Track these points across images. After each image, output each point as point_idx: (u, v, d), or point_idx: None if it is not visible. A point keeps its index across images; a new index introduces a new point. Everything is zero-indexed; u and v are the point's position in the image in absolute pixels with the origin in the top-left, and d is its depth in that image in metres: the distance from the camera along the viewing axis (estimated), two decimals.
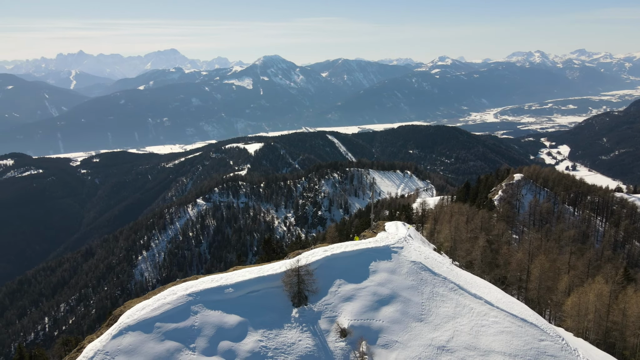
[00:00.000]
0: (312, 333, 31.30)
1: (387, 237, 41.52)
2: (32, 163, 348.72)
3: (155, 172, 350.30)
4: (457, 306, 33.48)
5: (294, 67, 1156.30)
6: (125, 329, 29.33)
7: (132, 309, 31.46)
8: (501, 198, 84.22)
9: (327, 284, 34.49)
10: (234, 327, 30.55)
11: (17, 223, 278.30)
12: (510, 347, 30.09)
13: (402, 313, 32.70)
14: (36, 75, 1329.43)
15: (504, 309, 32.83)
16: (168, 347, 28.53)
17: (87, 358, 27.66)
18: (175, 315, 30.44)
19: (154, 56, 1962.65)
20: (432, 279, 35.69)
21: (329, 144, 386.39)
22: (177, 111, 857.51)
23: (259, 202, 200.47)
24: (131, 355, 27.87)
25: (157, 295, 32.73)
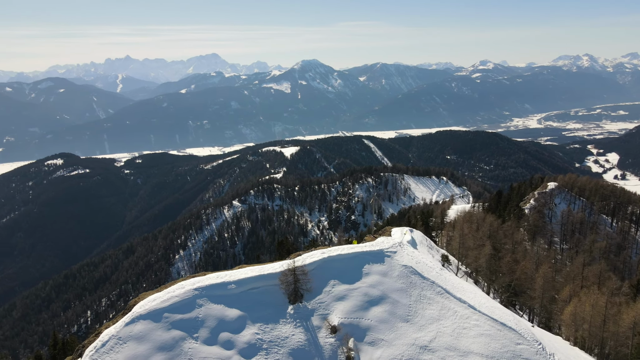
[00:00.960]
0: (305, 329, 33.51)
1: (383, 242, 43.25)
2: (79, 163, 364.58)
3: (194, 174, 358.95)
4: (442, 309, 35.26)
5: (332, 72, 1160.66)
6: (137, 318, 32.31)
7: (145, 300, 34.57)
8: (532, 207, 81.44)
9: (322, 284, 36.68)
10: (233, 320, 33.10)
11: (65, 220, 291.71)
12: (488, 349, 31.74)
13: (390, 313, 34.65)
14: (86, 79, 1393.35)
15: (485, 313, 34.50)
16: (174, 336, 31.39)
17: (102, 342, 30.84)
18: (182, 307, 33.28)
19: (196, 60, 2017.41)
20: (421, 282, 37.50)
21: (365, 148, 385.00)
22: (217, 114, 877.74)
23: (293, 205, 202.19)
24: (140, 342, 30.85)
25: (168, 288, 35.60)
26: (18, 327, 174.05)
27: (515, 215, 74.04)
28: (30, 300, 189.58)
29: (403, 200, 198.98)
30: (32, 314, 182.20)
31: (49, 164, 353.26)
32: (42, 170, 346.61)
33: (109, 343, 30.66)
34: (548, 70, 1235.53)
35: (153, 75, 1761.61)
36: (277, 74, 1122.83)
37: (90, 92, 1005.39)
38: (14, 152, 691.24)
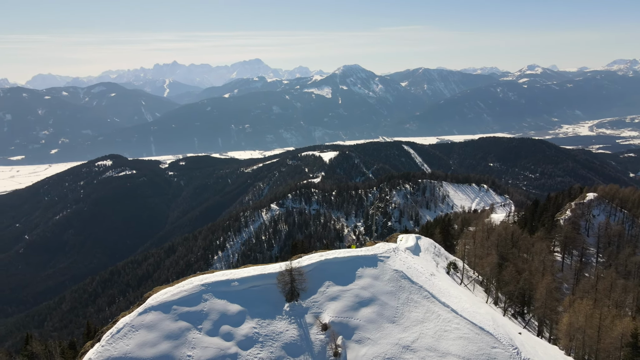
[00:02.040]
0: (298, 325, 35.89)
1: (379, 247, 45.22)
2: (127, 164, 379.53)
3: (234, 177, 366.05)
4: (427, 312, 37.01)
5: (373, 77, 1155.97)
6: (149, 309, 35.83)
7: (158, 293, 38.03)
8: (568, 218, 77.78)
9: (317, 285, 38.99)
10: (234, 315, 35.95)
11: (112, 218, 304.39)
12: (465, 351, 33.41)
13: (378, 314, 36.73)
14: (135, 84, 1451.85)
15: (466, 317, 36.08)
16: (180, 326, 34.63)
17: (118, 329, 34.55)
18: (189, 300, 36.51)
19: (240, 66, 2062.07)
20: (410, 286, 39.26)
21: (404, 154, 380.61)
22: (259, 118, 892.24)
23: (329, 210, 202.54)
24: (150, 330, 34.31)
25: (179, 283, 38.86)
26: (66, 319, 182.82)
27: (547, 226, 71.17)
28: (78, 294, 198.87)
29: (441, 208, 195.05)
30: (79, 307, 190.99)
31: (99, 164, 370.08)
32: (92, 171, 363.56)
33: (123, 330, 34.25)
34: (601, 75, 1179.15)
35: (198, 80, 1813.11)
36: (319, 79, 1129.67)
37: (139, 97, 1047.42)
38: (68, 153, 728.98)
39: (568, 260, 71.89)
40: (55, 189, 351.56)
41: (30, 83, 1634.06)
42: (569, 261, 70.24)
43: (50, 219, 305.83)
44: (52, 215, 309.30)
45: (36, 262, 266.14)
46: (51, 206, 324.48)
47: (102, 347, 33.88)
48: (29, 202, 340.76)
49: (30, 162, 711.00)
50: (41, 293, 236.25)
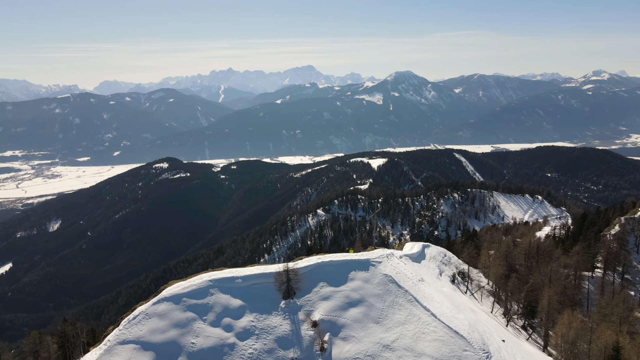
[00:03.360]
0: (291, 321, 38.84)
1: (374, 253, 47.44)
2: (182, 167, 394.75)
3: (284, 181, 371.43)
4: (409, 315, 39.29)
5: (426, 83, 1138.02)
6: (162, 299, 39.87)
7: (172, 286, 42.15)
8: (615, 233, 72.57)
9: (312, 285, 41.76)
10: (236, 309, 39.26)
11: (167, 219, 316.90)
12: (438, 352, 35.68)
13: (364, 315, 39.27)
14: (192, 90, 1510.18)
15: (443, 321, 38.37)
16: (187, 316, 38.43)
17: (134, 315, 39.08)
18: (197, 294, 40.31)
19: (292, 72, 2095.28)
20: (397, 290, 41.56)
21: (455, 162, 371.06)
22: (309, 124, 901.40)
23: (375, 217, 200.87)
24: (162, 318, 38.30)
25: (191, 278, 42.94)
26: (121, 313, 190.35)
27: (590, 241, 67.24)
28: (133, 289, 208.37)
29: (491, 219, 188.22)
30: (133, 302, 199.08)
31: (156, 167, 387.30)
32: (150, 173, 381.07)
33: (138, 317, 38.61)
34: None
35: (252, 86, 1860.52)
36: (370, 85, 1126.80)
37: (195, 102, 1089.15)
38: (129, 155, 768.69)
39: (611, 277, 68.22)
40: (116, 189, 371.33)
41: (97, 89, 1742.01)
42: (611, 278, 66.71)
43: (111, 217, 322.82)
44: (112, 214, 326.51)
45: (97, 258, 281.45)
46: (112, 205, 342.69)
47: (119, 331, 38.38)
48: (92, 201, 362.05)
49: (95, 163, 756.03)
50: (100, 287, 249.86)
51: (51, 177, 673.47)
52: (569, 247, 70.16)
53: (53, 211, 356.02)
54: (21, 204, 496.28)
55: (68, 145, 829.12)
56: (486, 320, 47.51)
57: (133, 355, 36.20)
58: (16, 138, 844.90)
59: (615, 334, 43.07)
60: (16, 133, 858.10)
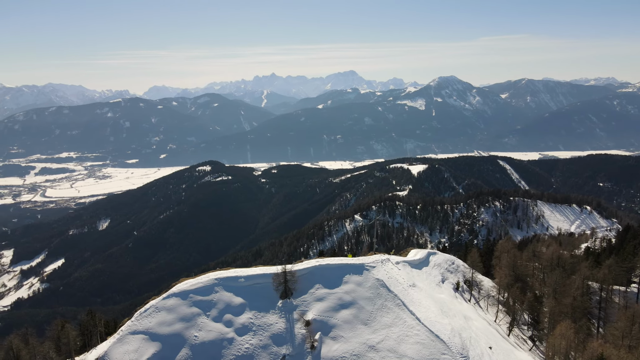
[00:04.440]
0: (286, 320, 41.15)
1: (369, 257, 49.48)
2: (224, 170, 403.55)
3: (323, 186, 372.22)
4: (395, 318, 41.07)
5: (470, 88, 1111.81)
6: (171, 295, 43.40)
7: (181, 283, 45.57)
8: None
9: (309, 286, 44.02)
10: (237, 306, 41.97)
11: (208, 220, 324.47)
12: (418, 355, 37.49)
13: (354, 316, 41.20)
14: (236, 94, 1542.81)
15: (426, 325, 40.10)
16: (193, 311, 41.45)
17: (145, 309, 42.60)
18: (203, 291, 43.49)
19: (334, 77, 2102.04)
20: (387, 294, 43.33)
21: (499, 170, 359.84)
22: (350, 129, 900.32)
23: (413, 224, 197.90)
24: (169, 312, 41.42)
25: (199, 277, 46.51)
26: None
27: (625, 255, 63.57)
28: None
29: (534, 229, 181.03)
30: None
31: (199, 169, 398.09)
32: (193, 175, 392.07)
33: (149, 310, 42.05)
34: None
35: (294, 91, 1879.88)
36: (412, 91, 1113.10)
37: (238, 107, 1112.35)
38: (174, 158, 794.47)
39: None
40: (161, 190, 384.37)
41: (146, 94, 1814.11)
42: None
43: (156, 217, 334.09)
44: (157, 215, 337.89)
45: (142, 256, 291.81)
46: (157, 206, 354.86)
47: (132, 322, 41.75)
48: (139, 202, 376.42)
49: (143, 165, 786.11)
50: (144, 285, 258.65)
51: (102, 178, 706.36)
52: (603, 259, 67.26)
53: (103, 210, 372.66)
54: (74, 203, 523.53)
55: (118, 147, 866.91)
56: (482, 327, 48.15)
57: (141, 344, 39.34)
58: (71, 140, 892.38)
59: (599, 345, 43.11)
60: (72, 136, 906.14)
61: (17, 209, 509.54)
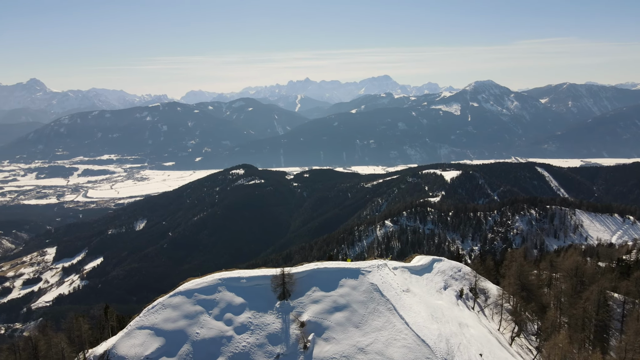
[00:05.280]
0: (283, 320, 42.67)
1: (366, 262, 50.45)
2: (257, 174, 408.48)
3: (354, 191, 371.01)
4: (386, 322, 42.16)
5: (508, 93, 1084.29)
6: (177, 293, 45.65)
7: (188, 282, 47.92)
8: None
9: (307, 289, 45.54)
10: (237, 305, 43.74)
11: (240, 223, 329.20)
12: (404, 358, 38.49)
13: (347, 319, 42.51)
14: (270, 99, 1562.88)
15: (414, 330, 41.11)
16: (196, 309, 43.49)
17: (153, 305, 44.74)
18: (207, 290, 45.43)
19: (368, 82, 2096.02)
20: (379, 298, 44.52)
21: (537, 177, 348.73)
22: (384, 134, 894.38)
23: (445, 231, 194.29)
24: (175, 309, 43.60)
25: (205, 277, 48.65)
26: None
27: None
28: None
29: (572, 238, 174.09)
30: None
31: (232, 173, 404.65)
32: (227, 178, 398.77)
33: (156, 307, 44.32)
34: None
35: (328, 96, 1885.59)
36: (447, 95, 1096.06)
37: (272, 111, 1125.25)
38: (209, 161, 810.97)
39: None
40: (195, 192, 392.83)
41: (184, 98, 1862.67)
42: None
43: (190, 219, 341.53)
44: (191, 216, 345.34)
45: (176, 257, 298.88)
46: (191, 208, 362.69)
47: (139, 318, 44.02)
48: (174, 203, 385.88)
49: (179, 168, 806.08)
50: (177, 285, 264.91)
51: (140, 180, 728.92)
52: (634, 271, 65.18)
53: (140, 211, 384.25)
54: (113, 203, 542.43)
55: (156, 150, 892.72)
56: (478, 335, 48.14)
57: (147, 339, 41.45)
58: (112, 143, 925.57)
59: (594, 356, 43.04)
60: (112, 138, 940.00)
61: (61, 209, 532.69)
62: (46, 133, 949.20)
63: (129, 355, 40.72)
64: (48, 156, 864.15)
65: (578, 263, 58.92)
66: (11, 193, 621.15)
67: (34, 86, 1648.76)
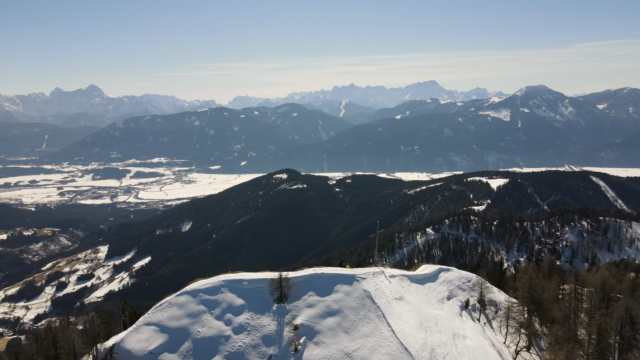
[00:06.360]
0: (278, 323, 44.14)
1: (363, 269, 51.53)
2: (300, 178, 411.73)
3: (397, 197, 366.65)
4: (374, 329, 43.09)
5: (562, 98, 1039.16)
6: (183, 292, 47.73)
7: (194, 283, 49.95)
8: None
9: (303, 293, 46.72)
10: (237, 306, 45.48)
11: (282, 227, 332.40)
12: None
13: (338, 324, 43.52)
14: (315, 104, 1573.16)
15: (399, 338, 41.88)
16: (199, 308, 45.51)
17: (160, 304, 47.23)
18: (211, 290, 47.38)
19: (414, 87, 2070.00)
20: (371, 305, 45.32)
21: (592, 186, 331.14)
22: (429, 140, 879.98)
23: (489, 241, 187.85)
24: (180, 307, 45.78)
25: (211, 278, 50.54)
26: None
27: None
28: None
29: (628, 252, 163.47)
30: None
31: (276, 177, 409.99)
32: (270, 182, 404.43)
33: (163, 305, 46.62)
34: None
35: (372, 102, 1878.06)
36: (497, 101, 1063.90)
37: (317, 116, 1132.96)
38: (254, 165, 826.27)
39: None
40: (239, 196, 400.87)
41: (231, 104, 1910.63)
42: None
43: (233, 222, 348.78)
44: (235, 219, 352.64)
45: (219, 258, 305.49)
46: (235, 211, 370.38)
47: (147, 315, 46.36)
48: (219, 206, 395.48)
49: (225, 171, 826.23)
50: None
51: (188, 183, 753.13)
52: None
53: (186, 213, 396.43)
54: (162, 205, 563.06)
55: (203, 154, 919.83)
56: (474, 347, 47.74)
57: (152, 335, 43.73)
58: (162, 147, 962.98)
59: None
60: (163, 142, 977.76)
61: (114, 209, 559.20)
62: (102, 137, 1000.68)
63: (134, 349, 43.18)
64: (103, 158, 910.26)
65: (605, 278, 55.68)
66: (69, 193, 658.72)
67: (92, 92, 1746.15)
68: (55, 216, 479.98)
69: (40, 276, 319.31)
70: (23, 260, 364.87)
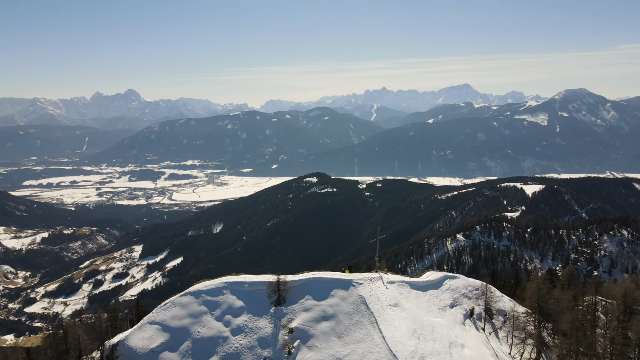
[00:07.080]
0: (274, 325, 44.73)
1: (360, 274, 51.84)
2: (330, 182, 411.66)
3: (427, 203, 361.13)
4: (366, 334, 43.26)
5: (604, 102, 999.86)
6: (187, 293, 48.97)
7: (198, 284, 51.02)
8: None
9: (300, 297, 47.22)
10: (237, 308, 46.38)
11: (312, 230, 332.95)
12: None
13: (332, 329, 43.85)
14: (346, 108, 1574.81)
15: (388, 344, 41.99)
16: (201, 309, 46.61)
17: (164, 303, 48.41)
18: (213, 292, 48.37)
19: (447, 91, 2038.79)
20: (365, 310, 45.47)
21: (635, 194, 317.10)
22: (462, 145, 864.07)
23: (522, 248, 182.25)
24: (182, 308, 46.87)
25: (215, 279, 51.33)
26: None
27: None
28: None
29: None
30: None
31: (306, 180, 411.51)
32: (300, 186, 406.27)
33: (167, 305, 47.79)
34: None
35: (404, 106, 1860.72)
36: (533, 105, 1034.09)
37: (348, 120, 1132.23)
38: (285, 168, 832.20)
39: None
40: (270, 199, 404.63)
41: (263, 107, 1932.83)
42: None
43: (263, 225, 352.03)
44: (265, 222, 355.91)
45: (249, 260, 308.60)
46: (265, 214, 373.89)
47: (151, 314, 47.68)
48: (249, 209, 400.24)
49: (256, 174, 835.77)
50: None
51: (220, 185, 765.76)
52: None
53: (217, 215, 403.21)
54: (194, 206, 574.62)
55: (235, 157, 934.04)
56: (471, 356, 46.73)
57: (154, 333, 44.99)
58: (196, 149, 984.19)
59: None
60: (196, 145, 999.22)
61: (148, 210, 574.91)
62: (139, 139, 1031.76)
63: (137, 347, 44.43)
64: (140, 160, 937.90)
65: (628, 289, 53.09)
66: (107, 194, 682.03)
67: (130, 96, 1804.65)
68: (94, 216, 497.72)
69: (78, 273, 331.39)
70: (63, 257, 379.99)
